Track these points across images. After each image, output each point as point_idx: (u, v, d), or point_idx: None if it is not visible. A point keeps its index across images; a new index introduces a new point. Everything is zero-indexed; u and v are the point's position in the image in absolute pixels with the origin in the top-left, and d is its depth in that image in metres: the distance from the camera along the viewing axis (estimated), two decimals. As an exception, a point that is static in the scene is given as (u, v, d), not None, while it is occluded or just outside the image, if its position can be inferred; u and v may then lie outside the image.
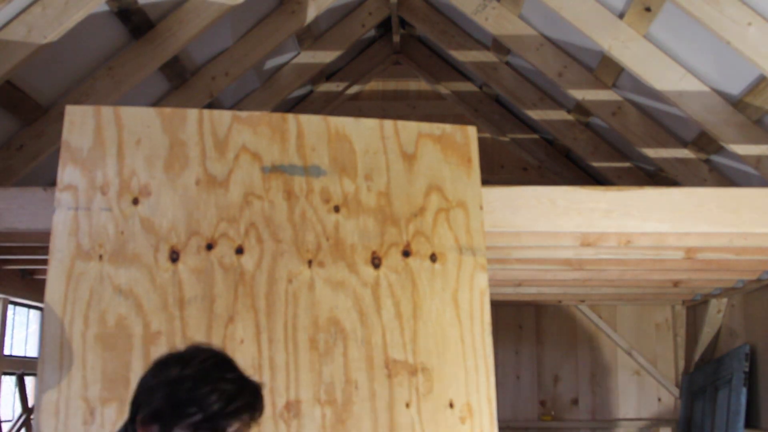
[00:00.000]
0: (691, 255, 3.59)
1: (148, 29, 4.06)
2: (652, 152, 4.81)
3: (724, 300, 5.33)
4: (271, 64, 5.32)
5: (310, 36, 5.29)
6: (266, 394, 2.42)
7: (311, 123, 2.89)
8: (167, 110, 2.83)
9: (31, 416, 4.83)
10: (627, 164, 5.70)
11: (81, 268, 2.59)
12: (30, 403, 4.81)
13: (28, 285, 4.84)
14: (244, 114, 2.88)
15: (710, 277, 4.51)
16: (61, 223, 2.64)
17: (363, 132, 2.93)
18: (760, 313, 4.88)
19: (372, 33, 6.13)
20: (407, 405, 2.62)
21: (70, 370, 2.46)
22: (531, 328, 6.27)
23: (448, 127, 3.04)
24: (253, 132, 2.83)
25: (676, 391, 6.06)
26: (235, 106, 5.41)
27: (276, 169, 2.79)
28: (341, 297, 2.71)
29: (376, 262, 2.77)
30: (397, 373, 2.65)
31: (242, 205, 2.73)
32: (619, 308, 6.25)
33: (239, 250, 2.69)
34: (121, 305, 2.56)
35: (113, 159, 2.73)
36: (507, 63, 5.50)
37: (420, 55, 6.40)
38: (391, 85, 6.48)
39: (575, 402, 6.18)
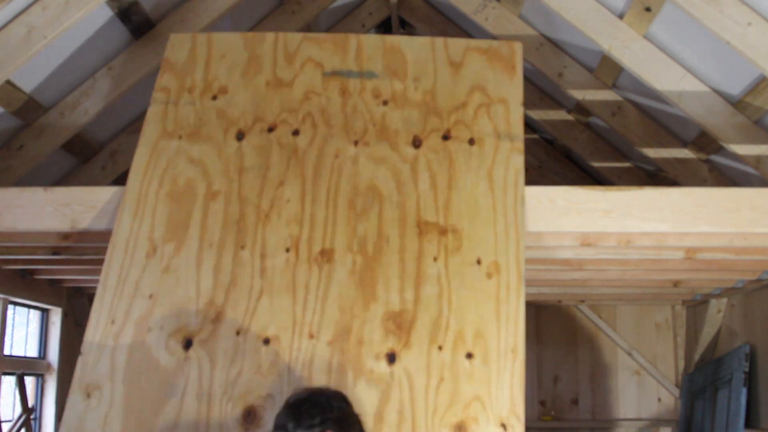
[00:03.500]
0: (691, 255, 3.59)
1: (148, 29, 4.06)
2: (652, 152, 4.80)
3: (724, 300, 5.32)
4: (271, 64, 5.31)
5: (310, 36, 5.29)
6: (304, 243, 2.84)
7: (369, 40, 3.37)
8: (249, 34, 3.43)
9: (31, 416, 4.83)
10: (627, 164, 5.69)
11: (163, 144, 3.09)
12: (30, 403, 4.81)
13: (28, 285, 4.84)
14: (312, 34, 3.40)
15: (710, 277, 4.51)
16: (153, 114, 3.19)
17: (415, 46, 3.31)
18: (760, 313, 4.87)
19: (372, 33, 6.13)
20: (435, 259, 2.78)
21: (142, 217, 2.92)
22: (531, 328, 6.26)
23: (494, 42, 3.38)
24: (319, 47, 3.31)
25: (676, 391, 6.06)
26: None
27: (335, 73, 3.22)
28: (381, 169, 2.99)
29: (416, 144, 3.05)
30: (427, 232, 2.84)
31: (302, 100, 3.17)
32: (619, 308, 6.25)
33: (295, 132, 3.09)
34: (190, 170, 3.02)
35: (201, 68, 3.29)
36: (507, 63, 5.49)
37: (420, 55, 6.39)
38: (391, 85, 6.47)
39: (575, 402, 6.18)
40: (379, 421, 2.47)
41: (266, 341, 2.63)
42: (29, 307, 5.16)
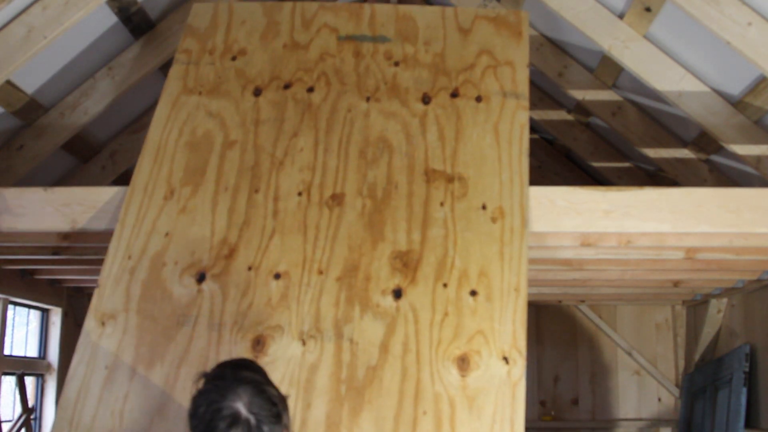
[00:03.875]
0: (691, 255, 3.59)
1: (148, 29, 4.06)
2: (652, 152, 4.80)
3: (724, 300, 5.32)
4: (271, 64, 5.31)
5: (310, 36, 5.28)
6: (316, 188, 2.93)
7: (383, 8, 3.54)
8: (268, 3, 3.58)
9: (31, 416, 4.83)
10: (627, 164, 5.69)
11: (184, 99, 3.23)
12: (30, 403, 4.81)
13: (28, 285, 4.84)
14: (328, 3, 3.59)
15: (710, 277, 4.51)
16: (174, 73, 3.33)
17: (426, 14, 3.49)
18: (760, 313, 4.87)
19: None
20: (441, 204, 2.86)
21: (161, 163, 3.05)
22: (531, 328, 6.26)
23: (502, 11, 3.57)
24: (335, 15, 3.48)
25: (676, 391, 6.06)
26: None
27: (349, 38, 3.39)
28: (392, 123, 3.10)
29: (426, 100, 3.17)
30: (435, 179, 2.93)
31: (317, 60, 3.32)
32: (619, 308, 6.24)
33: (310, 89, 3.23)
34: (209, 123, 3.15)
35: (222, 33, 3.44)
36: (507, 63, 5.49)
37: (420, 55, 6.38)
38: (391, 85, 6.47)
39: (575, 402, 6.18)
40: (384, 352, 2.54)
41: (277, 276, 2.73)
42: (29, 307, 5.16)
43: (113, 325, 2.66)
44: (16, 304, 4.94)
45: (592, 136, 5.64)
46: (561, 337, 6.26)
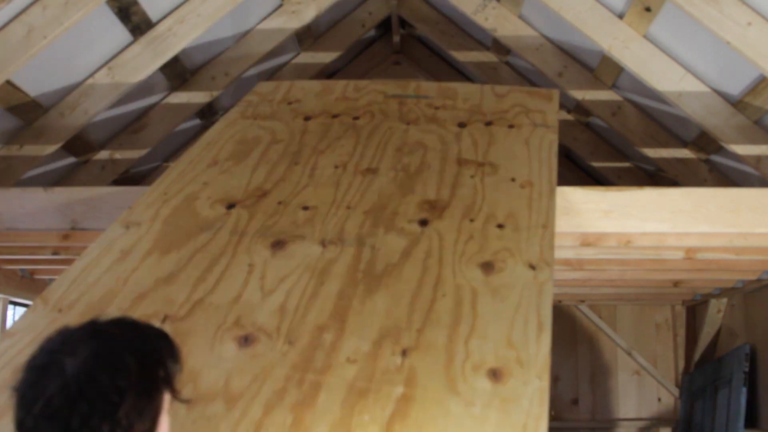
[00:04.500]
0: (691, 255, 3.59)
1: (148, 29, 4.06)
2: (652, 152, 4.81)
3: (724, 300, 5.33)
4: (271, 64, 5.32)
5: (310, 36, 5.29)
6: (352, 164, 3.17)
7: (427, 83, 4.04)
8: (327, 81, 4.14)
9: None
10: (627, 164, 5.70)
11: (240, 122, 3.61)
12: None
13: (28, 285, 4.84)
14: (378, 80, 4.20)
15: (710, 277, 4.51)
16: (237, 108, 3.75)
17: (466, 87, 3.95)
18: (760, 313, 4.88)
19: (372, 33, 6.13)
20: (472, 176, 3.05)
21: (211, 149, 3.31)
22: (531, 328, 6.25)
23: (534, 88, 3.99)
24: (383, 85, 3.97)
25: (676, 391, 6.06)
26: (234, 106, 5.41)
27: (395, 96, 3.81)
28: (428, 135, 3.40)
29: (461, 125, 3.48)
30: (466, 164, 3.14)
31: (365, 106, 3.73)
32: (619, 308, 6.25)
33: (356, 118, 3.61)
34: (259, 131, 3.50)
35: (282, 92, 3.92)
36: (507, 63, 5.50)
37: (420, 55, 6.39)
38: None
39: (575, 402, 6.18)
40: (406, 257, 2.59)
41: (305, 208, 2.89)
42: (29, 307, 5.15)
43: (137, 228, 2.79)
44: (16, 304, 4.94)
45: (592, 136, 5.65)
46: (561, 337, 6.25)
